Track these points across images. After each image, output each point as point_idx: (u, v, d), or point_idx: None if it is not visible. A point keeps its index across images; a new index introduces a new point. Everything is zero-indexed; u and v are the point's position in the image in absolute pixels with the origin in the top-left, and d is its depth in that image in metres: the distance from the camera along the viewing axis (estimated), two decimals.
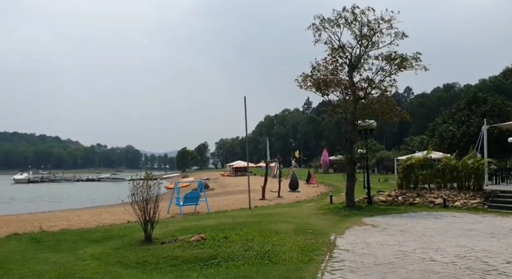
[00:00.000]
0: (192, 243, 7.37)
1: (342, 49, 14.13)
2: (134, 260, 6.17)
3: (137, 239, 7.96)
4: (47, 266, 5.92)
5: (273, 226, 9.31)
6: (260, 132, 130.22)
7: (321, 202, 17.86)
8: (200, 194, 16.72)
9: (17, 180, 73.56)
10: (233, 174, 69.75)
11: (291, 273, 5.22)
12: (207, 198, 16.57)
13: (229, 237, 7.78)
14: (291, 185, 27.76)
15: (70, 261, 6.25)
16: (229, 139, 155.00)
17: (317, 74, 14.23)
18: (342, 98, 14.61)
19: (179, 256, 6.29)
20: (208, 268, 5.60)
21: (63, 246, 7.77)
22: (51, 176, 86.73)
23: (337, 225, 9.97)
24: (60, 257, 6.63)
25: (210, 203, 16.47)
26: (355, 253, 6.54)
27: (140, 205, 8.05)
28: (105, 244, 7.83)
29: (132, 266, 5.84)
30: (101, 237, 8.79)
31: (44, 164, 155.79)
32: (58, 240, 8.56)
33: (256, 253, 6.32)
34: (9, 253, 7.06)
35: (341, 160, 16.88)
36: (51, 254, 6.98)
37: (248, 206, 15.62)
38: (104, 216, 15.61)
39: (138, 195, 8.13)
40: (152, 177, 8.75)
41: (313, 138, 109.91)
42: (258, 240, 7.45)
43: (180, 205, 15.23)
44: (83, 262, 6.17)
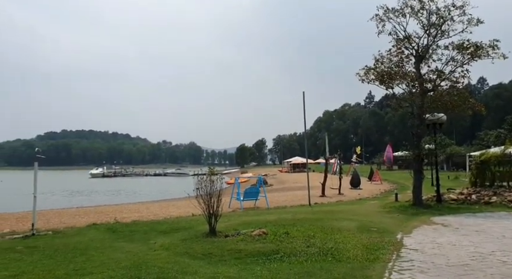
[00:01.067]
0: (254, 237, 7.50)
1: (408, 39, 13.40)
2: (201, 252, 6.44)
3: (202, 231, 8.28)
4: (123, 255, 6.38)
5: (335, 224, 9.14)
6: (319, 128, 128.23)
7: (385, 199, 17.17)
8: (259, 189, 16.95)
9: (93, 175, 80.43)
10: (291, 170, 69.62)
11: (356, 271, 5.10)
12: (266, 194, 16.73)
13: (290, 232, 7.79)
14: (353, 182, 27.03)
15: (143, 251, 6.68)
16: (287, 135, 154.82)
17: (381, 67, 13.65)
18: (407, 91, 13.88)
19: (242, 250, 6.44)
20: (270, 262, 5.67)
21: (135, 236, 8.33)
22: (122, 170, 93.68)
23: (404, 224, 9.52)
24: (134, 247, 7.11)
25: (269, 198, 16.61)
26: (425, 253, 6.21)
27: (205, 198, 8.37)
28: (173, 236, 8.24)
29: (199, 257, 6.10)
30: (169, 229, 9.27)
31: (117, 160, 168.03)
32: (131, 230, 9.19)
33: (319, 250, 6.26)
34: (90, 242, 7.73)
35: (407, 156, 16.05)
36: (126, 243, 7.52)
37: (308, 202, 15.51)
38: (171, 209, 16.46)
39: (202, 190, 8.47)
40: (215, 172, 9.06)
41: (375, 133, 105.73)
42: (320, 237, 7.37)
43: (241, 199, 15.56)
44: (154, 252, 6.56)
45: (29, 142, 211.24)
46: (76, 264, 5.72)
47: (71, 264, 5.74)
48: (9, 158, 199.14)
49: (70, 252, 6.59)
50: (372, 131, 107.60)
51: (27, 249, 7.01)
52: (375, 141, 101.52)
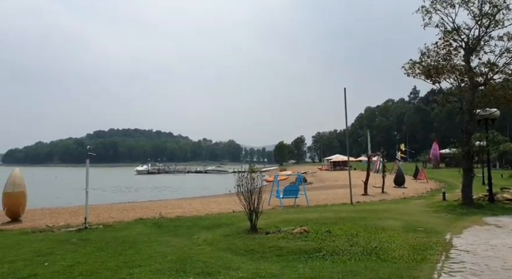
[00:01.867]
0: (296, 235, 7.49)
1: (457, 31, 12.70)
2: (243, 248, 6.52)
3: (244, 228, 8.38)
4: (168, 249, 6.61)
5: (379, 223, 8.91)
6: (360, 125, 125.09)
7: (432, 198, 16.45)
8: (299, 187, 16.83)
9: (138, 172, 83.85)
10: (331, 168, 68.51)
11: (402, 272, 4.94)
12: (306, 192, 16.59)
13: (332, 231, 7.69)
14: (397, 181, 26.13)
15: (187, 245, 6.88)
16: (327, 132, 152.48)
17: (427, 60, 13.07)
18: (456, 85, 13.18)
19: (283, 247, 6.45)
20: (312, 260, 5.63)
21: (180, 231, 8.59)
22: (165, 168, 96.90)
23: (453, 224, 9.08)
24: (178, 241, 7.34)
25: (309, 197, 16.46)
26: (477, 255, 5.89)
27: (245, 195, 8.47)
28: (215, 231, 8.42)
29: (241, 253, 6.18)
30: (211, 225, 9.48)
31: (160, 157, 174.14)
32: (175, 225, 9.50)
33: (363, 249, 6.13)
34: (137, 235, 8.08)
35: (455, 154, 15.21)
36: (171, 238, 7.78)
37: (349, 201, 15.21)
38: (212, 205, 16.77)
39: (243, 187, 8.57)
40: (255, 170, 9.14)
41: (420, 130, 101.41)
42: (363, 236, 7.22)
43: (280, 197, 15.55)
44: (197, 247, 6.74)
45: (80, 140, 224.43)
46: (126, 256, 6.01)
47: (121, 256, 6.03)
48: (63, 155, 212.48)
49: (120, 245, 6.93)
50: (417, 127, 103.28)
51: (81, 241, 7.46)
52: (420, 138, 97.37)
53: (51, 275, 4.94)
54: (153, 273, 4.98)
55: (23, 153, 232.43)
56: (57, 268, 5.30)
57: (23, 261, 5.79)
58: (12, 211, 12.08)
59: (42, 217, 12.90)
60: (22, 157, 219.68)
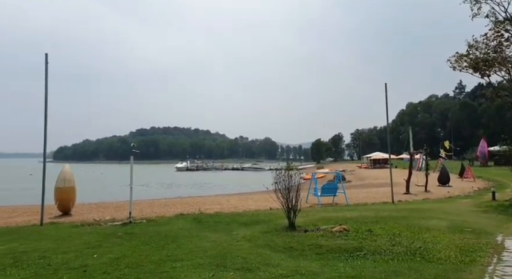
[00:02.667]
0: (335, 233, 7.38)
1: (510, 21, 11.92)
2: (281, 245, 6.53)
3: (282, 225, 8.38)
4: (208, 244, 6.75)
5: (423, 222, 8.58)
6: (401, 121, 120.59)
7: (480, 198, 15.60)
8: (337, 185, 16.57)
9: (178, 168, 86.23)
10: (371, 166, 66.77)
11: (449, 274, 4.73)
12: (345, 190, 16.29)
13: (373, 230, 7.50)
14: (441, 179, 25.01)
15: (227, 241, 6.99)
16: (366, 129, 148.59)
17: (475, 53, 12.38)
18: (508, 78, 12.39)
19: (322, 245, 6.38)
20: (353, 259, 5.53)
21: (219, 227, 8.74)
22: (203, 165, 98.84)
23: (504, 225, 8.57)
24: (218, 236, 7.48)
25: (348, 195, 16.15)
26: None
27: (283, 193, 8.45)
28: (253, 228, 8.48)
29: (280, 250, 6.19)
30: (249, 221, 9.56)
31: (198, 154, 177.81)
32: (214, 221, 9.68)
33: (406, 249, 5.93)
34: (179, 230, 8.32)
35: (505, 151, 14.32)
36: (210, 233, 7.94)
37: (391, 200, 14.76)
38: (249, 202, 16.92)
39: (280, 184, 8.56)
40: (293, 167, 9.09)
41: (466, 126, 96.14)
42: (406, 236, 6.98)
43: (318, 195, 15.38)
44: (237, 243, 6.83)
45: (123, 138, 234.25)
46: (169, 250, 6.20)
47: (164, 250, 6.23)
48: (107, 153, 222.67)
49: (163, 239, 7.17)
50: (462, 124, 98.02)
51: (126, 235, 7.79)
52: (466, 134, 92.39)
53: (100, 266, 5.20)
54: (195, 267, 5.11)
55: (72, 150, 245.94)
56: (105, 260, 5.58)
57: (74, 252, 6.14)
58: (63, 205, 12.83)
59: (90, 211, 13.62)
60: (70, 154, 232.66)
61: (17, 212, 13.72)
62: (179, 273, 4.79)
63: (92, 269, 5.10)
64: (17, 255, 5.97)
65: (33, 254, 6.03)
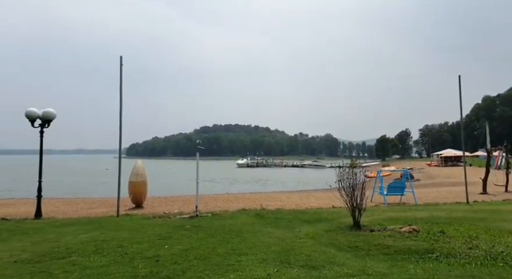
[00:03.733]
0: (404, 234, 7.03)
1: None
2: (346, 244, 6.37)
3: (346, 224, 8.18)
4: (271, 239, 6.81)
5: (504, 225, 7.83)
6: (476, 116, 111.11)
7: None
8: (405, 184, 15.76)
9: (239, 165, 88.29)
10: (441, 163, 62.51)
11: None
12: (413, 189, 15.44)
13: (447, 231, 7.02)
14: None
15: (289, 238, 7.00)
16: (436, 125, 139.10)
17: None
18: None
19: (390, 246, 6.11)
20: (424, 262, 5.22)
21: (281, 223, 8.78)
22: (263, 161, 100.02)
23: None
24: (281, 233, 7.51)
25: (417, 194, 15.29)
26: None
27: (347, 191, 8.24)
28: (316, 226, 8.39)
29: (344, 249, 6.05)
30: (312, 219, 9.47)
31: (258, 151, 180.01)
32: (276, 217, 9.74)
33: (485, 254, 5.46)
34: (242, 225, 8.50)
35: None
36: (273, 229, 8.00)
37: (465, 200, 13.69)
38: (311, 199, 16.76)
39: (344, 182, 8.35)
40: (357, 165, 8.81)
41: None
42: (485, 239, 6.42)
43: (384, 194, 14.76)
44: (300, 240, 6.80)
45: (188, 135, 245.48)
46: (233, 244, 6.37)
47: (229, 244, 6.41)
48: (174, 149, 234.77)
49: (227, 233, 7.38)
50: None
51: (193, 227, 8.15)
52: None
53: (171, 257, 5.50)
54: (259, 262, 5.19)
55: (143, 147, 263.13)
56: (175, 251, 5.88)
57: (147, 242, 6.56)
58: (136, 198, 13.79)
59: (159, 204, 14.47)
60: (141, 151, 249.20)
61: (96, 204, 15.01)
62: (244, 267, 4.90)
63: (163, 259, 5.42)
64: (98, 243, 6.53)
65: (112, 243, 6.55)
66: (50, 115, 10.98)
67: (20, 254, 5.84)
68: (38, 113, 10.81)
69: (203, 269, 4.87)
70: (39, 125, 10.95)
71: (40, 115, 10.84)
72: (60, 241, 6.83)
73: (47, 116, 10.94)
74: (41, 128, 10.97)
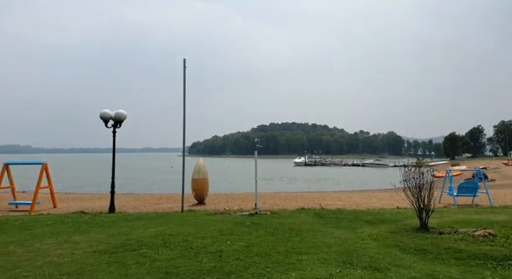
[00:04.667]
0: (478, 237, 6.52)
1: None
2: (413, 246, 6.07)
3: (411, 226, 7.80)
4: (332, 239, 6.70)
5: None
6: None
7: None
8: (478, 184, 14.56)
9: (296, 163, 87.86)
10: None
11: None
12: (488, 190, 14.22)
13: None
14: None
15: (351, 238, 6.83)
16: None
17: None
18: None
19: (462, 250, 5.71)
20: (504, 269, 4.80)
21: (342, 224, 8.59)
22: (322, 160, 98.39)
23: None
24: (342, 233, 7.35)
25: (492, 195, 14.07)
26: None
27: (413, 191, 7.85)
28: (379, 227, 8.09)
29: (411, 252, 5.77)
30: (375, 220, 9.15)
31: (316, 150, 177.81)
32: (337, 217, 9.55)
33: None
34: (301, 224, 8.46)
35: None
36: (333, 229, 7.86)
37: None
38: (373, 200, 16.16)
39: (410, 182, 7.96)
40: (425, 164, 8.36)
41: None
42: None
43: (454, 195, 13.78)
44: (362, 241, 6.60)
45: (246, 134, 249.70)
46: (293, 243, 6.37)
47: (289, 242, 6.42)
48: (233, 147, 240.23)
49: (287, 232, 7.39)
50: None
51: (253, 225, 8.28)
52: None
53: (233, 253, 5.65)
54: (320, 261, 5.13)
55: (203, 145, 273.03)
56: (237, 247, 6.03)
57: (210, 238, 6.80)
58: (199, 195, 14.33)
59: (220, 201, 14.89)
60: (202, 149, 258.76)
61: (162, 200, 15.86)
62: (305, 266, 4.88)
63: (226, 254, 5.58)
64: (165, 237, 6.91)
65: (178, 237, 6.89)
66: (121, 115, 11.81)
67: (98, 245, 6.37)
68: (111, 114, 11.69)
69: (264, 265, 4.94)
70: (112, 125, 11.83)
71: (112, 116, 11.71)
72: (131, 234, 7.34)
73: (119, 117, 11.78)
74: (113, 128, 11.85)
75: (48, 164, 13.07)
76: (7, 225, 8.63)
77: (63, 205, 13.54)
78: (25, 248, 6.20)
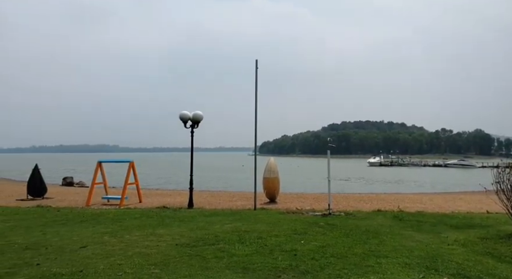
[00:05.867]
0: None
1: None
2: (509, 255, 5.48)
3: (506, 232, 7.09)
4: (413, 243, 6.32)
5: None
6: None
7: None
8: None
9: (371, 163, 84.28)
10: None
11: None
12: None
13: None
14: None
15: (435, 243, 6.37)
16: None
17: None
18: None
19: None
20: None
21: (423, 227, 8.05)
22: (399, 160, 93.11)
23: None
24: (424, 237, 6.89)
25: None
26: None
27: (508, 194, 7.11)
28: (467, 232, 7.44)
29: (506, 261, 5.21)
30: (461, 224, 8.43)
31: (392, 149, 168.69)
32: (417, 220, 8.97)
33: None
34: (379, 226, 8.11)
35: None
36: (414, 233, 7.41)
37: None
38: (458, 203, 14.93)
39: (504, 184, 7.22)
40: None
41: None
42: None
43: None
44: (447, 246, 6.13)
45: (316, 133, 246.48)
46: (371, 245, 6.13)
47: (366, 245, 6.20)
48: (302, 147, 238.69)
49: (363, 234, 7.14)
50: None
51: (327, 225, 8.15)
52: None
53: (307, 252, 5.62)
54: (401, 266, 4.88)
55: (273, 145, 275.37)
56: (311, 247, 5.99)
57: (284, 236, 6.85)
58: (270, 193, 14.50)
59: (291, 201, 14.90)
60: (271, 148, 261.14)
61: (235, 197, 16.35)
62: (385, 270, 4.67)
63: (300, 253, 5.57)
64: (240, 234, 7.12)
65: (252, 234, 7.05)
66: (198, 116, 12.43)
67: (180, 238, 6.79)
68: (189, 115, 12.37)
69: (341, 267, 4.84)
70: (190, 126, 12.51)
71: (190, 116, 12.38)
72: (209, 229, 7.69)
73: (196, 118, 12.42)
74: (191, 128, 12.52)
75: (134, 162, 14.25)
76: (102, 217, 9.60)
77: (147, 200, 14.66)
78: (117, 239, 6.84)
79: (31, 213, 10.44)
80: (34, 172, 15.70)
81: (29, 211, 10.89)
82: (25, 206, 12.33)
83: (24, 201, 14.55)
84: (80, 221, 8.95)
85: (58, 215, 9.90)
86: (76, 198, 15.72)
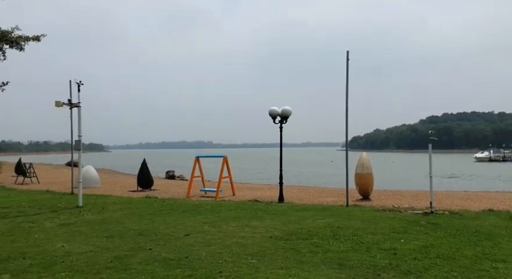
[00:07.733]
0: None
1: None
2: None
3: None
4: None
5: None
6: None
7: None
8: None
9: (478, 159, 75.58)
10: None
11: None
12: None
13: None
14: None
15: None
16: None
17: None
18: None
19: None
20: None
21: None
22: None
23: None
24: None
25: None
26: None
27: None
28: None
29: None
30: None
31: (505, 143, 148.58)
32: None
33: None
34: (491, 227, 7.24)
35: None
36: None
37: None
38: None
39: None
40: None
41: None
42: None
43: None
44: None
45: (413, 126, 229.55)
46: (484, 248, 5.51)
47: (477, 247, 5.60)
48: (397, 141, 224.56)
49: (473, 235, 6.46)
50: None
51: (429, 224, 7.55)
52: None
53: (408, 252, 5.28)
54: None
55: (364, 140, 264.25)
56: (413, 246, 5.61)
57: (381, 234, 6.53)
58: (363, 190, 13.95)
59: (387, 198, 14.12)
60: (362, 143, 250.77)
61: (325, 193, 16.10)
62: (503, 276, 4.16)
63: (401, 252, 5.26)
64: (334, 229, 6.99)
65: (347, 231, 6.88)
66: (287, 112, 12.52)
67: (273, 231, 6.94)
68: (278, 111, 12.53)
69: (448, 269, 4.44)
70: (279, 121, 12.67)
71: (279, 112, 12.53)
72: (302, 223, 7.70)
73: (285, 113, 12.53)
74: (280, 124, 12.67)
75: (227, 157, 14.96)
76: (201, 208, 10.31)
77: (239, 193, 15.28)
78: (216, 228, 7.27)
79: (141, 203, 11.69)
80: (143, 166, 17.53)
81: (140, 201, 12.21)
82: (136, 197, 13.85)
83: (135, 192, 16.36)
84: (182, 211, 9.74)
85: (163, 205, 10.92)
86: (178, 190, 17.10)
